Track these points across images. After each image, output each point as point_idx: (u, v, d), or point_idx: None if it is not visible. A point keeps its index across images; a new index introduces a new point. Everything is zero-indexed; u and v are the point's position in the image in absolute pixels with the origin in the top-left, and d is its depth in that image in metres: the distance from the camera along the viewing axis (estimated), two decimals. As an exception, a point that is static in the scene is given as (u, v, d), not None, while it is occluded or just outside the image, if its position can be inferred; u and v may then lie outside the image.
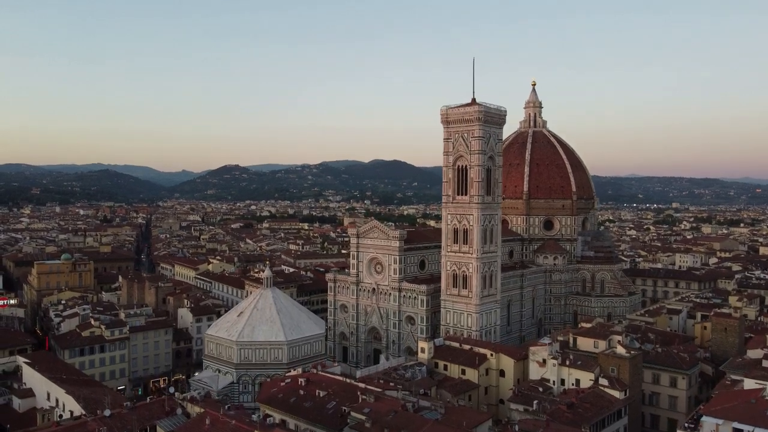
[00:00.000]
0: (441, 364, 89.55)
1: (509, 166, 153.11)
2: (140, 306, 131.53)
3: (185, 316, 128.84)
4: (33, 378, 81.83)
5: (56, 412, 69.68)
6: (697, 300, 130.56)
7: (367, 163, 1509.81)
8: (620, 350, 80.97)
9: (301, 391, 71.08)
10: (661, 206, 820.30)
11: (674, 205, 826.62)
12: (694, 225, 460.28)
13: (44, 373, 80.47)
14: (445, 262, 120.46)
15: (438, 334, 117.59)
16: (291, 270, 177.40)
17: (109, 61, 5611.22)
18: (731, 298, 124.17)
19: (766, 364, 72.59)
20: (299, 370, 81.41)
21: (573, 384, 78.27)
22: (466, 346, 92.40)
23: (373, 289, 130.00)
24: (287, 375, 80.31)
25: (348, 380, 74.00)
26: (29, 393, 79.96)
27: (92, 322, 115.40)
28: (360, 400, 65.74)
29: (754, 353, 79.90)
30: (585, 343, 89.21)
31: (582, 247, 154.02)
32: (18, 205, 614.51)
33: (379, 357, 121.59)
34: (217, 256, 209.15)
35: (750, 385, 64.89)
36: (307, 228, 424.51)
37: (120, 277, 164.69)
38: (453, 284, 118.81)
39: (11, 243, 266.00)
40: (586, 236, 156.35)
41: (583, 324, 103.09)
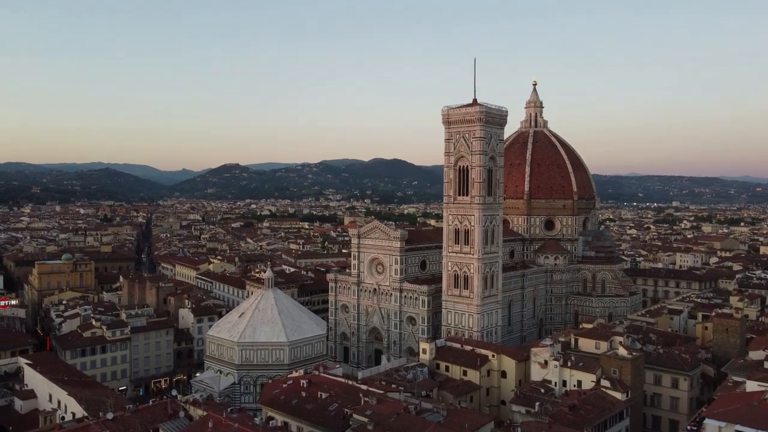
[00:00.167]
0: (442, 365, 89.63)
1: (510, 166, 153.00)
2: (141, 306, 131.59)
3: (186, 317, 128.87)
4: (35, 379, 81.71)
5: (58, 414, 69.63)
6: (698, 300, 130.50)
7: (368, 161, 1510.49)
8: (622, 351, 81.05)
9: (303, 393, 71.07)
10: (661, 205, 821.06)
11: (674, 204, 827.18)
12: (694, 224, 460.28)
13: (46, 374, 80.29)
14: (447, 262, 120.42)
15: (439, 335, 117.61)
16: (292, 270, 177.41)
17: (109, 60, 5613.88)
18: (732, 299, 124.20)
19: (768, 365, 72.50)
20: (301, 372, 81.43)
21: (575, 385, 78.29)
22: (468, 347, 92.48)
23: (375, 289, 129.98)
24: (289, 377, 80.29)
25: (350, 382, 73.99)
26: (31, 394, 79.78)
27: (93, 322, 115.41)
28: (362, 402, 65.78)
29: (755, 354, 79.78)
30: (586, 344, 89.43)
31: (583, 247, 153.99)
32: (18, 204, 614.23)
33: (381, 357, 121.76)
34: (218, 256, 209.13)
35: (752, 387, 64.81)
36: (307, 227, 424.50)
37: (121, 277, 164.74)
38: (454, 285, 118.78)
39: (12, 242, 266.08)
40: (587, 236, 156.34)
41: (585, 325, 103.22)
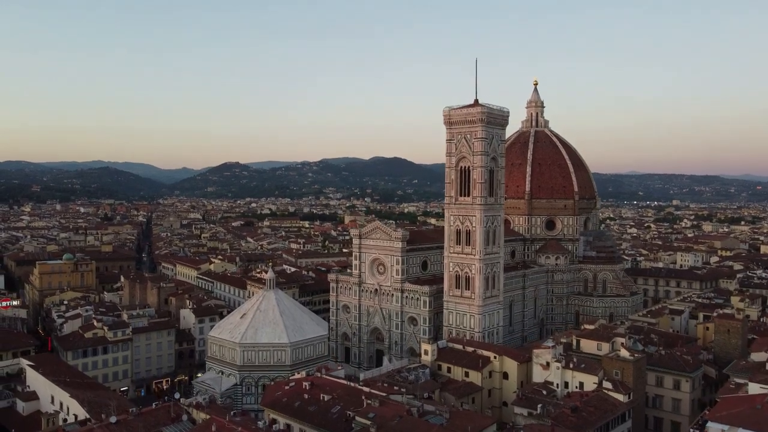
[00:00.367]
0: (444, 366, 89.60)
1: (511, 165, 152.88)
2: (142, 307, 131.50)
3: (188, 317, 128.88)
4: (37, 381, 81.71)
5: (61, 416, 69.65)
6: (699, 300, 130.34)
7: (368, 160, 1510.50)
8: (624, 353, 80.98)
9: (306, 395, 71.09)
10: (661, 203, 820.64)
11: (675, 203, 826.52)
12: (694, 223, 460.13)
13: (48, 376, 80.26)
14: (448, 263, 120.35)
15: (440, 336, 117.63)
16: (293, 270, 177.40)
17: (109, 59, 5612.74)
18: (733, 299, 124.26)
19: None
20: (303, 374, 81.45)
21: (577, 387, 78.24)
22: (470, 349, 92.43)
23: (376, 289, 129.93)
24: (291, 378, 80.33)
25: (352, 384, 73.98)
26: (33, 396, 79.84)
27: (95, 323, 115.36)
28: (365, 404, 65.78)
29: (757, 356, 79.71)
30: (588, 346, 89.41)
31: (584, 247, 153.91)
32: (18, 203, 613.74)
33: (382, 358, 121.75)
34: (219, 256, 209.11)
35: (755, 389, 64.73)
36: (307, 226, 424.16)
37: (122, 277, 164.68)
38: (456, 285, 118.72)
39: (12, 241, 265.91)
40: (588, 236, 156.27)
41: (586, 325, 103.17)
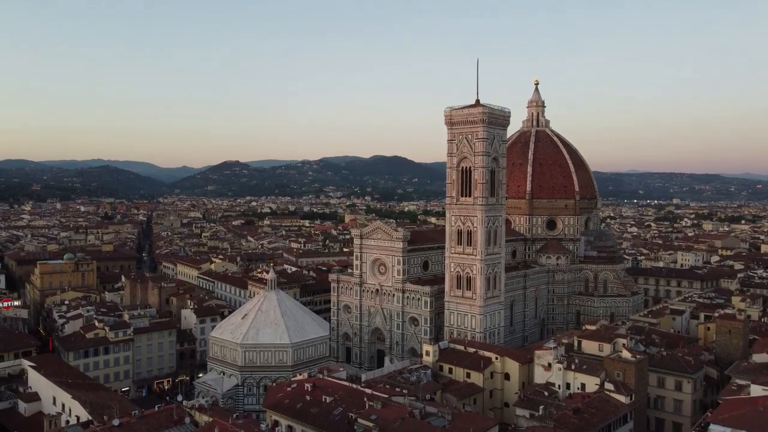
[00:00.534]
0: (446, 367, 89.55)
1: (512, 165, 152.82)
2: (144, 307, 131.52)
3: (189, 317, 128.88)
4: (39, 382, 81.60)
5: (63, 417, 69.53)
6: (700, 300, 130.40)
7: (368, 158, 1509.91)
8: (625, 354, 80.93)
9: (308, 397, 71.06)
10: (661, 202, 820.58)
11: (675, 201, 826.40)
12: (695, 221, 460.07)
13: (50, 377, 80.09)
14: (449, 263, 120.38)
15: (442, 336, 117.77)
16: (293, 269, 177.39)
17: (109, 57, 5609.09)
18: (734, 299, 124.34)
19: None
20: (305, 375, 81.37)
21: (578, 388, 78.21)
22: (471, 349, 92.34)
23: (377, 290, 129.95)
24: (293, 380, 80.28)
25: (354, 386, 73.90)
26: (35, 397, 79.59)
27: (96, 323, 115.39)
28: (367, 406, 65.69)
29: (759, 357, 79.67)
30: (590, 346, 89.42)
31: (585, 246, 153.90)
32: (19, 202, 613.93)
33: (383, 358, 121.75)
34: (220, 255, 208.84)
35: (757, 391, 64.64)
36: (308, 225, 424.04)
37: (123, 277, 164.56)
38: (457, 285, 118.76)
39: (13, 241, 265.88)
40: (589, 236, 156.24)
41: (587, 326, 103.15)
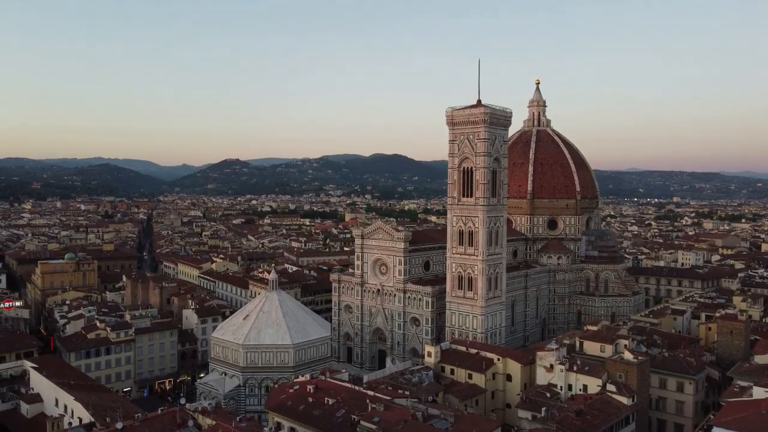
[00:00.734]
0: (448, 368, 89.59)
1: (513, 165, 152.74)
2: (145, 307, 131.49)
3: (190, 317, 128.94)
4: (41, 383, 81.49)
5: (66, 419, 69.51)
6: (701, 300, 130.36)
7: (368, 157, 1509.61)
8: (627, 356, 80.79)
9: (310, 399, 71.15)
10: (662, 201, 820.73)
11: (675, 200, 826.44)
12: (695, 220, 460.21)
13: (52, 378, 79.89)
14: (451, 263, 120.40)
15: (443, 336, 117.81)
16: (294, 269, 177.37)
17: (109, 55, 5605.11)
18: (735, 299, 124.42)
19: (775, 370, 72.46)
20: (307, 376, 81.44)
21: (580, 389, 78.18)
22: (473, 350, 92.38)
23: (378, 290, 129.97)
24: (295, 381, 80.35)
25: (357, 387, 73.96)
26: (37, 398, 79.47)
27: (98, 324, 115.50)
28: (369, 408, 65.74)
29: (761, 358, 79.59)
30: (591, 347, 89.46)
31: (586, 246, 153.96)
32: (19, 200, 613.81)
33: (384, 358, 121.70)
34: (220, 255, 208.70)
35: (759, 393, 64.55)
36: (308, 224, 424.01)
37: (124, 277, 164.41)
38: (458, 286, 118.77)
39: (13, 240, 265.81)
40: (590, 236, 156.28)
41: (589, 327, 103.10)
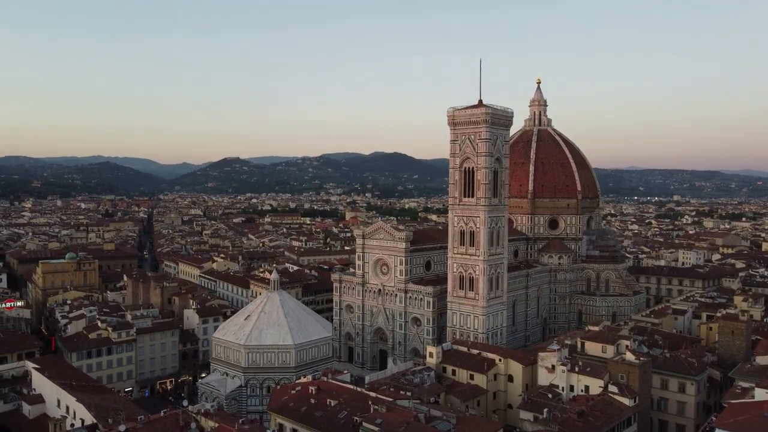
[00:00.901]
0: (449, 369, 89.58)
1: (514, 165, 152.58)
2: (146, 306, 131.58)
3: (191, 317, 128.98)
4: (43, 384, 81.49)
5: (68, 421, 69.53)
6: (702, 299, 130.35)
7: (368, 155, 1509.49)
8: (629, 356, 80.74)
9: (312, 400, 71.18)
10: (662, 199, 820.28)
11: (675, 198, 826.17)
12: (695, 219, 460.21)
13: (54, 379, 79.88)
14: (452, 263, 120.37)
15: (444, 336, 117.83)
16: (295, 268, 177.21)
17: (109, 54, 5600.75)
18: (736, 299, 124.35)
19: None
20: (309, 377, 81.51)
21: (582, 390, 78.20)
22: (474, 351, 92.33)
23: (379, 290, 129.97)
24: (297, 382, 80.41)
25: (358, 389, 73.99)
26: (39, 399, 79.51)
27: (99, 324, 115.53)
28: (371, 410, 65.75)
29: (763, 359, 79.75)
30: (593, 348, 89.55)
31: (587, 246, 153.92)
32: (19, 199, 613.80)
33: (386, 358, 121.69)
34: (221, 254, 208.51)
35: (761, 394, 64.58)
36: (309, 222, 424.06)
37: (125, 277, 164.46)
38: (459, 286, 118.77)
39: (14, 239, 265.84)
40: (591, 235, 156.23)
41: (590, 327, 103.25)
